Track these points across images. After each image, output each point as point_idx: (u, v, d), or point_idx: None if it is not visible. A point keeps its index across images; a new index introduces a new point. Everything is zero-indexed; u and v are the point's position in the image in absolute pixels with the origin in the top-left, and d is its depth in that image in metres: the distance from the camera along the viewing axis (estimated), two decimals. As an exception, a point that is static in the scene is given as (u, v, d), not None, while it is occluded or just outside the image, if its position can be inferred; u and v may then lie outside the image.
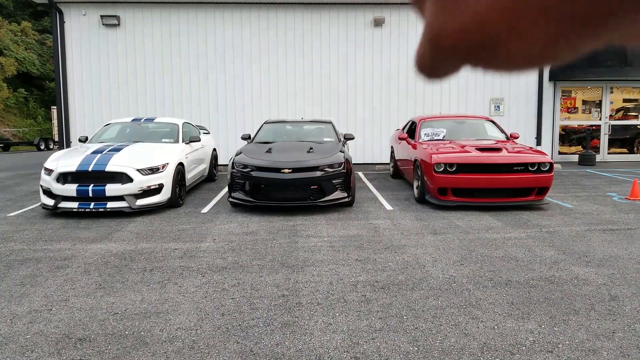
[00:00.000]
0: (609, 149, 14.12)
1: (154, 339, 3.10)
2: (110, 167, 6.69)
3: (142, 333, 3.18)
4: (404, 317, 3.38)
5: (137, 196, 6.76)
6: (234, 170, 7.01)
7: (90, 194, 6.61)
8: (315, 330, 3.20)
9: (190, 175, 8.32)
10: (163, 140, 8.25)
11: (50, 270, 4.45)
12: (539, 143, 13.58)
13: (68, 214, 6.87)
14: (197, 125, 10.23)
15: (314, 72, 13.20)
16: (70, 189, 6.63)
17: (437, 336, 3.10)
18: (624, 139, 14.29)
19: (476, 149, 7.17)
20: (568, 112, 14.14)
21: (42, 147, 26.54)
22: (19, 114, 33.62)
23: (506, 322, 3.29)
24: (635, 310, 3.46)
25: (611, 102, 14.05)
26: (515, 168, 6.86)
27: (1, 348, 2.99)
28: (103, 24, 12.75)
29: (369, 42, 13.23)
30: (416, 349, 2.94)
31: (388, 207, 7.29)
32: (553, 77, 13.42)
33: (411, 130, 9.17)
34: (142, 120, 8.98)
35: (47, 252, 5.07)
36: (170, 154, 7.43)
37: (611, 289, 3.88)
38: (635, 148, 14.32)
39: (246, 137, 8.74)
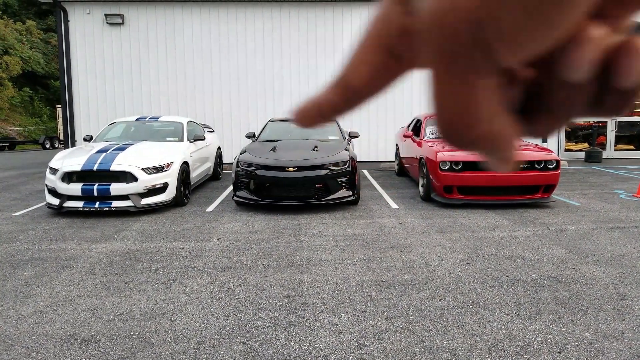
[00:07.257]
0: (615, 146, 14.02)
1: (159, 339, 3.09)
2: (115, 166, 6.69)
3: (147, 334, 3.17)
4: (411, 318, 3.35)
5: (142, 195, 6.75)
6: (239, 169, 6.99)
7: (95, 193, 6.62)
8: (321, 330, 3.18)
9: (194, 174, 8.31)
10: (168, 139, 8.25)
11: (56, 270, 4.45)
12: (544, 140, 13.47)
13: (73, 213, 6.88)
14: (201, 124, 10.22)
15: (318, 69, 13.16)
16: (75, 188, 6.63)
17: (444, 337, 3.07)
18: (630, 136, 14.19)
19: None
20: (574, 109, 14.01)
21: (48, 146, 26.63)
22: (24, 112, 33.78)
23: (514, 322, 3.26)
24: (644, 310, 3.42)
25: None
26: (522, 165, 6.81)
27: (7, 349, 2.99)
28: (107, 23, 12.75)
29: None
30: (423, 350, 2.92)
31: (393, 205, 7.25)
32: (559, 74, 13.28)
33: (416, 128, 9.11)
34: (146, 119, 8.97)
35: (53, 251, 5.07)
36: (174, 152, 7.42)
37: (619, 289, 3.83)
38: (642, 145, 14.21)
39: (251, 136, 8.72)
